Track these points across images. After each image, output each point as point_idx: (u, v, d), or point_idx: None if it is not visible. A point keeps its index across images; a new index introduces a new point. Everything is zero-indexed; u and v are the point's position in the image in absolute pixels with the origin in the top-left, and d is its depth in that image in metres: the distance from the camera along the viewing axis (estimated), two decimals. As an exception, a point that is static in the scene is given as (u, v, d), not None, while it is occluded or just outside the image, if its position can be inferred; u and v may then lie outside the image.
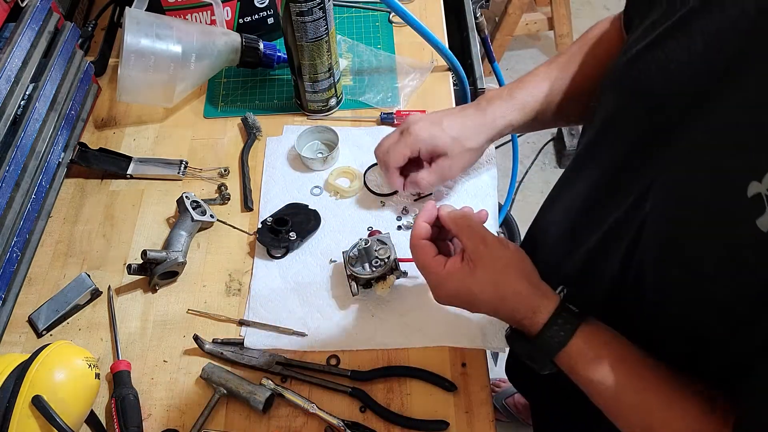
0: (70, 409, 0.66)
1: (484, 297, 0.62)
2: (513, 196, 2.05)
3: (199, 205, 0.89)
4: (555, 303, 0.60)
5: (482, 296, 0.62)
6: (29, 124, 0.85)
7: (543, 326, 0.59)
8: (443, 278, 0.64)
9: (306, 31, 0.87)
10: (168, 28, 0.94)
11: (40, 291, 0.85)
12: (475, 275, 0.62)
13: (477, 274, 0.62)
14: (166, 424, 0.74)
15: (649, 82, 0.56)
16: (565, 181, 0.77)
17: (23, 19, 0.86)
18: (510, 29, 2.29)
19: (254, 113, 1.00)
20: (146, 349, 0.80)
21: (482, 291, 0.62)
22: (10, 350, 0.80)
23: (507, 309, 0.62)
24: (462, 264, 0.63)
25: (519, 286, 0.62)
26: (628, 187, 0.58)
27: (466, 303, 0.65)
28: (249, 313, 0.82)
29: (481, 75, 1.16)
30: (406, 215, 0.90)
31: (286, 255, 0.86)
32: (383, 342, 0.78)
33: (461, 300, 0.65)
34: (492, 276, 0.62)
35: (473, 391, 0.74)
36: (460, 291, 0.64)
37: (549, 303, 0.60)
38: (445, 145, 0.80)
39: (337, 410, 0.73)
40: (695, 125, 0.51)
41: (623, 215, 0.59)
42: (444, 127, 0.80)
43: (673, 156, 0.53)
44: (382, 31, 1.13)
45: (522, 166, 2.19)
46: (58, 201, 0.94)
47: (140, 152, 0.98)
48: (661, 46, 0.55)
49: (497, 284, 0.62)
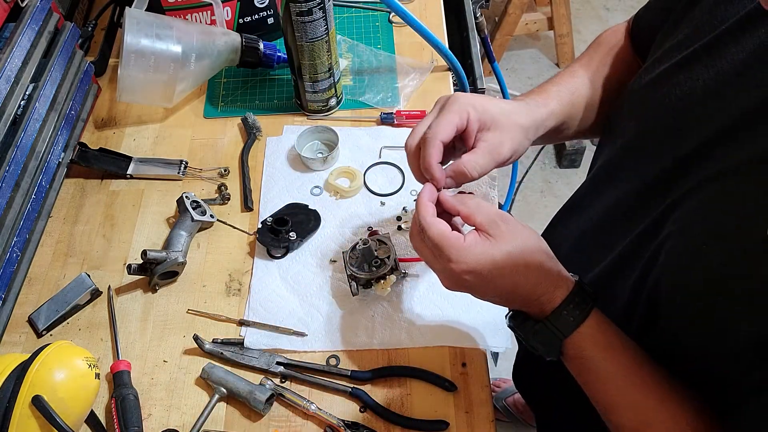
0: (70, 409, 0.66)
1: (507, 266, 0.58)
2: (513, 196, 2.06)
3: (199, 205, 0.89)
4: (572, 282, 0.59)
5: (505, 265, 0.58)
6: (29, 124, 0.85)
7: (560, 303, 0.58)
8: (464, 250, 0.58)
9: (306, 31, 0.87)
10: (168, 28, 0.94)
11: (40, 291, 0.85)
12: (498, 246, 0.58)
13: (500, 245, 0.59)
14: (166, 424, 0.74)
15: (672, 109, 0.55)
16: (581, 200, 0.75)
17: (23, 19, 0.86)
18: (510, 29, 2.30)
19: (254, 113, 1.00)
20: (146, 349, 0.80)
21: (506, 260, 0.58)
22: (10, 350, 0.80)
23: (530, 282, 0.59)
24: (482, 237, 0.59)
25: (542, 258, 0.60)
26: (646, 213, 0.58)
27: (484, 279, 0.59)
28: (249, 313, 0.82)
29: (481, 75, 1.16)
30: (406, 215, 0.90)
31: (286, 255, 0.86)
32: (383, 342, 0.78)
33: (479, 276, 0.59)
34: (515, 247, 0.59)
35: (473, 391, 0.74)
36: (480, 263, 0.58)
37: (567, 281, 0.59)
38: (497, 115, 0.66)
39: (337, 410, 0.73)
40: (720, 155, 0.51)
41: (637, 239, 0.58)
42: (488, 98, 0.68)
43: (695, 184, 0.53)
44: (382, 31, 1.13)
45: (522, 166, 2.19)
46: (58, 201, 0.94)
47: (140, 152, 0.98)
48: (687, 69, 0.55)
49: (521, 255, 0.58)
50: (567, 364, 0.60)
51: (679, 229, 0.53)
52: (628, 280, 0.59)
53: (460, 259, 0.58)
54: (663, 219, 0.55)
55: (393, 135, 0.98)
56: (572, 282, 0.59)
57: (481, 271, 0.58)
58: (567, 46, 2.42)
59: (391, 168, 0.95)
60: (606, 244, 0.63)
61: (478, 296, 0.62)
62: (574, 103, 0.73)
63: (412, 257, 0.84)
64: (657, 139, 0.58)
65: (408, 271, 0.83)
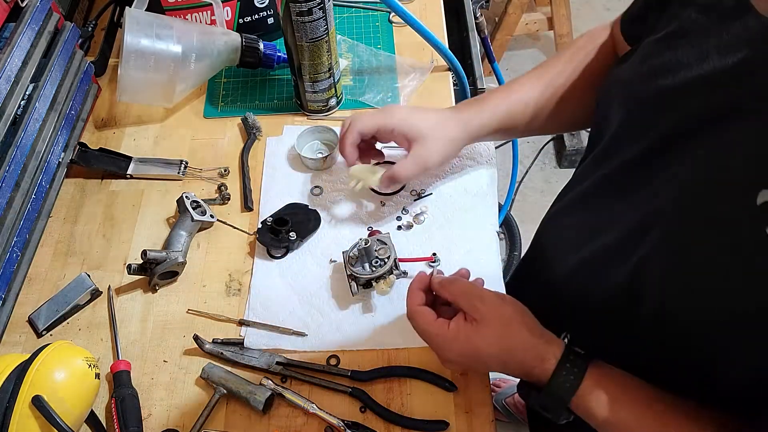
0: (70, 409, 0.66)
1: (492, 351, 0.61)
2: (513, 196, 2.05)
3: (199, 205, 0.89)
4: (561, 348, 0.60)
5: (490, 351, 0.62)
6: (29, 124, 0.85)
7: (553, 372, 0.59)
8: (449, 340, 0.63)
9: (306, 31, 0.87)
10: (168, 28, 0.94)
11: (40, 291, 0.85)
12: (480, 332, 0.62)
13: (481, 331, 0.62)
14: (166, 424, 0.74)
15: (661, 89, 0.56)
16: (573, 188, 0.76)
17: (23, 19, 0.86)
18: (510, 29, 2.30)
19: (254, 113, 1.00)
20: (146, 349, 0.80)
21: (489, 346, 0.61)
22: (10, 350, 0.80)
23: (516, 361, 0.61)
24: (465, 323, 0.63)
25: (524, 336, 0.61)
26: (637, 194, 0.58)
27: (475, 361, 0.63)
28: (249, 313, 0.82)
29: (481, 75, 1.16)
30: (406, 215, 0.90)
31: (286, 255, 0.86)
32: (383, 342, 0.78)
33: (470, 359, 0.63)
34: (496, 330, 0.61)
35: (473, 391, 0.74)
36: (466, 350, 0.62)
37: (555, 349, 0.60)
38: (423, 128, 0.79)
39: (337, 410, 0.73)
40: (708, 135, 0.51)
41: (632, 223, 0.58)
42: (422, 113, 0.81)
43: (684, 164, 0.53)
44: (382, 31, 1.13)
45: (522, 166, 2.19)
46: (58, 201, 0.94)
47: (140, 152, 0.98)
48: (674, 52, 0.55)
49: (502, 337, 0.61)
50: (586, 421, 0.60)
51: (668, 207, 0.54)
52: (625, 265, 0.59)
53: (445, 347, 0.64)
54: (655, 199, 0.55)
55: (393, 135, 0.98)
56: (561, 348, 0.60)
57: (469, 356, 0.63)
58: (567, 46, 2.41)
59: (391, 168, 0.95)
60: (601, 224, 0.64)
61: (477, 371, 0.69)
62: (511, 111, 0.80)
63: (412, 257, 0.84)
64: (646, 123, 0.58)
65: (408, 271, 0.83)
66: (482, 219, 0.89)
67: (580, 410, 0.59)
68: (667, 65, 0.56)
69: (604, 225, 0.63)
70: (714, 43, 0.52)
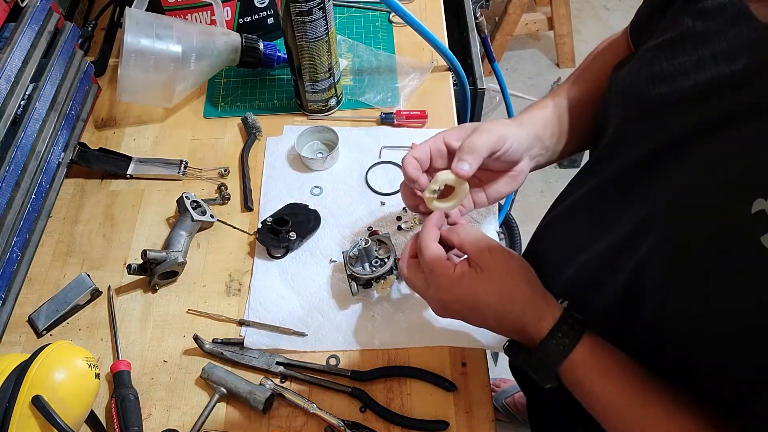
0: (70, 409, 0.66)
1: (491, 300, 0.62)
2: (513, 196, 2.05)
3: (199, 205, 0.89)
4: (559, 310, 0.60)
5: (489, 300, 0.62)
6: (29, 124, 0.85)
7: (547, 333, 0.59)
8: (452, 282, 0.62)
9: (306, 31, 0.87)
10: (168, 28, 0.94)
11: (40, 291, 0.85)
12: (483, 279, 0.62)
13: (485, 279, 0.62)
14: (166, 424, 0.74)
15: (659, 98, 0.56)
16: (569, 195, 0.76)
17: (23, 19, 0.86)
18: (510, 29, 2.30)
19: (254, 113, 1.00)
20: (146, 349, 0.80)
21: (489, 294, 0.62)
22: (10, 350, 0.80)
23: (512, 315, 0.61)
24: (470, 269, 0.63)
25: (526, 291, 0.62)
26: (634, 200, 0.58)
27: (471, 309, 0.63)
28: (249, 313, 0.82)
29: (481, 75, 1.16)
30: (406, 215, 0.90)
31: (286, 255, 0.86)
32: (383, 342, 0.78)
33: (466, 306, 0.63)
34: (499, 281, 0.62)
35: (473, 391, 0.74)
36: (466, 296, 0.63)
37: (554, 310, 0.60)
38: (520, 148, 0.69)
39: (337, 410, 0.73)
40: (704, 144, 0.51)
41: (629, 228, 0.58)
42: None
43: (680, 170, 0.53)
44: (382, 31, 1.13)
45: (522, 166, 2.18)
46: (58, 201, 0.94)
47: (140, 152, 0.98)
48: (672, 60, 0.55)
49: (504, 288, 0.62)
50: (570, 389, 0.60)
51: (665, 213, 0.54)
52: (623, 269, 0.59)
53: (448, 288, 0.63)
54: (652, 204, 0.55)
55: (393, 135, 0.98)
56: (559, 310, 0.60)
57: (467, 302, 0.62)
58: (567, 46, 2.42)
59: (391, 168, 0.95)
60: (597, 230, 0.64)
61: (468, 322, 0.66)
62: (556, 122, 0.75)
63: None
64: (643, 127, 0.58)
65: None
66: (482, 219, 0.89)
67: (567, 376, 0.59)
68: (665, 73, 0.56)
69: (600, 231, 0.63)
70: (711, 51, 0.52)
